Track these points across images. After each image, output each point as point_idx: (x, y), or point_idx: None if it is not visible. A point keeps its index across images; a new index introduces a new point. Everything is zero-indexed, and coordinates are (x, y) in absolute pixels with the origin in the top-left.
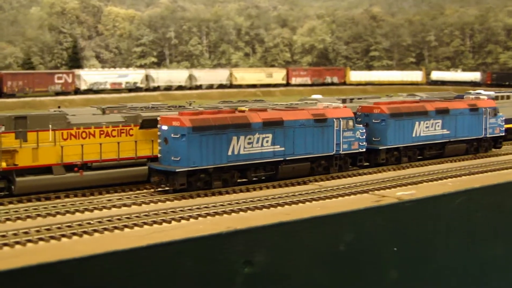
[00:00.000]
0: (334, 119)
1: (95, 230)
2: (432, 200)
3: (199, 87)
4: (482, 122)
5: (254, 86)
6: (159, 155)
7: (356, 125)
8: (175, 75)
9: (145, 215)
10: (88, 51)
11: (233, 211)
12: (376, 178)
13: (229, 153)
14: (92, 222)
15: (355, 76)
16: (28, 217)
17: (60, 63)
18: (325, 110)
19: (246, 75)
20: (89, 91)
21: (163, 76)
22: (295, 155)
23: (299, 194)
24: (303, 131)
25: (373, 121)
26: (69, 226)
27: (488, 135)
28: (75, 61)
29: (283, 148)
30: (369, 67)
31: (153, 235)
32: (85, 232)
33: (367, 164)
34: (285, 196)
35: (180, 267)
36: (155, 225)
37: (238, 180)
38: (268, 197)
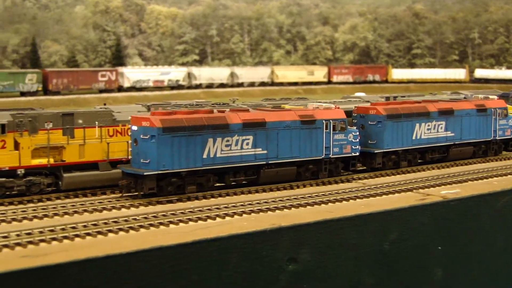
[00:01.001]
0: (324, 121)
1: (141, 226)
2: (477, 199)
3: (240, 84)
4: (491, 124)
5: (295, 84)
6: (130, 157)
7: (349, 127)
8: (216, 73)
9: (190, 212)
10: (131, 49)
11: (277, 208)
12: (420, 176)
13: (204, 156)
14: (138, 218)
15: (397, 74)
16: (75, 212)
17: (103, 61)
18: (314, 111)
19: (288, 73)
20: (132, 88)
21: (205, 73)
22: (279, 158)
23: (343, 192)
24: (288, 133)
25: (369, 123)
26: (115, 222)
27: (497, 138)
28: (118, 59)
29: (265, 151)
30: (412, 65)
31: (198, 232)
32: (131, 228)
33: (364, 168)
34: (329, 194)
35: (226, 263)
36: (199, 222)
37: (217, 184)
38: (312, 194)
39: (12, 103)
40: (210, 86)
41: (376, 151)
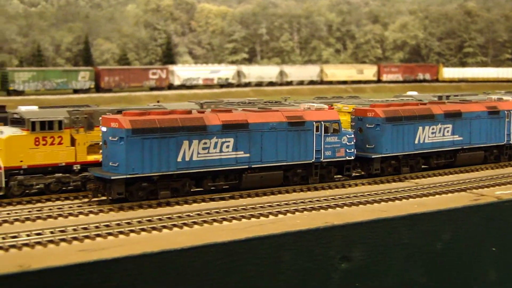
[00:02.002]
0: (314, 122)
1: (194, 223)
2: None
3: (289, 83)
4: (504, 127)
5: (344, 82)
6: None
7: (344, 129)
8: (266, 71)
9: (243, 209)
10: (181, 47)
11: (329, 206)
12: (474, 176)
13: (179, 159)
14: (191, 214)
15: (448, 72)
16: (130, 208)
17: (154, 59)
18: (303, 112)
19: (337, 72)
20: (182, 86)
21: (254, 72)
22: (263, 162)
23: (395, 191)
24: (273, 136)
25: (367, 126)
26: (169, 218)
27: (511, 142)
28: (169, 57)
29: (247, 155)
30: (463, 64)
31: (251, 229)
32: (185, 224)
33: (362, 173)
34: (381, 193)
35: (279, 260)
36: (253, 219)
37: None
38: (364, 193)
39: (66, 100)
40: (259, 84)
41: (373, 156)
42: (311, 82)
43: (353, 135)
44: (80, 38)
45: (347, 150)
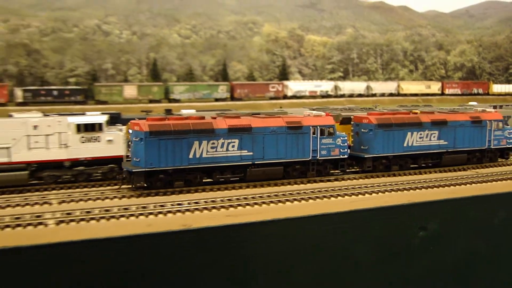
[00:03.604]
0: (311, 127)
1: (317, 197)
2: None
3: (374, 95)
4: (485, 134)
5: (415, 95)
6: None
7: (338, 132)
8: (356, 86)
9: (345, 188)
10: (293, 68)
11: (411, 188)
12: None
13: (191, 156)
14: (313, 191)
15: (496, 88)
16: (261, 186)
17: (273, 76)
18: (302, 118)
19: (410, 86)
20: (293, 97)
21: (347, 86)
22: (265, 159)
23: (461, 178)
24: (274, 137)
25: (362, 130)
26: (297, 193)
27: (492, 147)
28: (284, 75)
29: (251, 153)
30: (509, 81)
31: (353, 204)
32: (303, 199)
33: (357, 170)
34: (450, 178)
35: (371, 229)
36: (353, 196)
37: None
38: (437, 179)
39: (210, 106)
40: (351, 95)
41: (365, 156)
42: (390, 94)
43: (346, 138)
44: (220, 61)
45: (341, 150)
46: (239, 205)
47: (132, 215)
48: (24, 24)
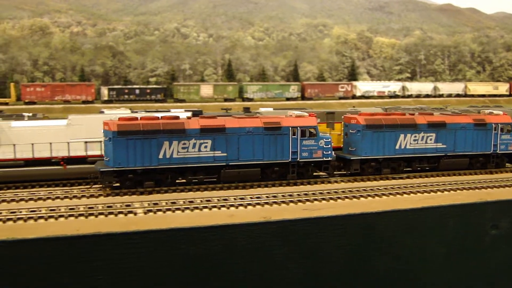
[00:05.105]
0: (291, 128)
1: (390, 194)
2: None
3: (441, 95)
4: (491, 138)
5: (482, 96)
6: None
7: (321, 133)
8: (423, 87)
9: (417, 186)
10: (362, 69)
11: (482, 187)
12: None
13: (160, 156)
14: (380, 188)
15: None
16: (336, 182)
17: (342, 77)
18: (281, 118)
19: (477, 87)
20: (361, 97)
21: (415, 87)
22: (240, 160)
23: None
24: (250, 138)
25: (350, 131)
26: (365, 190)
27: (498, 151)
28: (353, 75)
29: (225, 154)
30: None
31: (425, 201)
32: (377, 195)
33: (346, 172)
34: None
35: (443, 227)
36: (425, 194)
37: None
38: (509, 179)
39: (281, 105)
40: (418, 96)
41: (352, 158)
42: (457, 95)
43: (330, 139)
44: (291, 62)
45: (324, 152)
46: (315, 199)
47: (214, 206)
48: (110, 28)
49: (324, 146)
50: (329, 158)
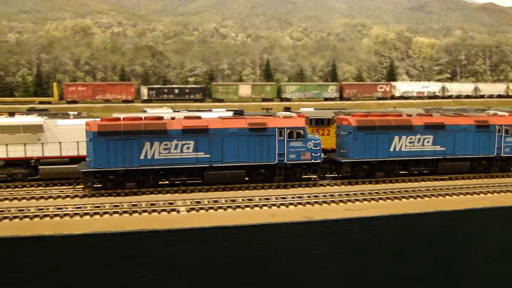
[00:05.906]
0: (277, 129)
1: (425, 195)
2: None
3: (482, 96)
4: (494, 140)
5: None
6: None
7: (310, 135)
8: (464, 87)
9: (460, 187)
10: (401, 69)
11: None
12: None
13: (142, 157)
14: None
15: None
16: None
17: (380, 77)
18: (267, 119)
19: None
20: (400, 97)
21: (455, 87)
22: (224, 162)
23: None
24: (234, 139)
25: (342, 133)
26: (398, 191)
27: (503, 155)
28: (391, 76)
29: (208, 155)
30: None
31: (467, 202)
32: (412, 196)
33: (337, 175)
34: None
35: (484, 228)
36: (467, 196)
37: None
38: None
39: (319, 105)
40: (458, 97)
41: (342, 161)
42: (499, 96)
43: (319, 141)
44: (329, 62)
45: (313, 154)
46: (357, 199)
47: (256, 205)
48: (150, 28)
49: (313, 148)
50: (318, 160)
